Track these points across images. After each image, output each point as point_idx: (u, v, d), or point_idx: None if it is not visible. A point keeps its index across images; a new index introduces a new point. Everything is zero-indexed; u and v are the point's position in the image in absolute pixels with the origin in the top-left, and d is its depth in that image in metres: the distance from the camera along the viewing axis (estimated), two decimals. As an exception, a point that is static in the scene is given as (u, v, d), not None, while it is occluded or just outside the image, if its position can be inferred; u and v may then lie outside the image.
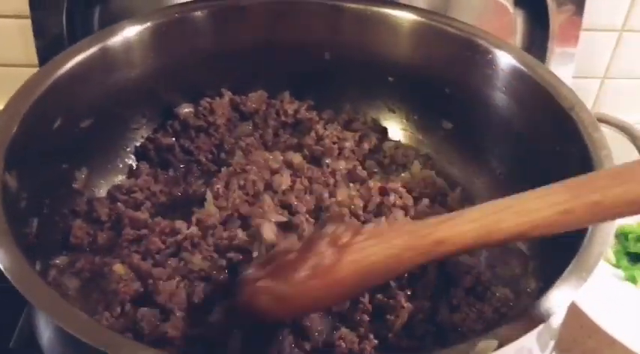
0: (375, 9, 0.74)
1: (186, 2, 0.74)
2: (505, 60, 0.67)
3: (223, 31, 0.75)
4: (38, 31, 0.78)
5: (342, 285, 0.51)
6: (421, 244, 0.48)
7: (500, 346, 0.40)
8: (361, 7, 0.74)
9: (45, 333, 0.50)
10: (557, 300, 0.47)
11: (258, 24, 0.77)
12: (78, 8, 0.78)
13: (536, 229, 0.46)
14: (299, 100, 0.83)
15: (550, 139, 0.63)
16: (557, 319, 0.55)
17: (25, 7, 0.81)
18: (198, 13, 0.73)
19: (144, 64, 0.72)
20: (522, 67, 0.65)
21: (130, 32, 0.69)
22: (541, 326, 0.46)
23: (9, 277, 0.44)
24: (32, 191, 0.58)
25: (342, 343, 0.56)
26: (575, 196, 0.44)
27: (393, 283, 0.61)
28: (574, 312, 0.72)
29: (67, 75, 0.62)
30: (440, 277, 0.63)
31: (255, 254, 0.63)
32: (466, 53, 0.70)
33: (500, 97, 0.69)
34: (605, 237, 0.52)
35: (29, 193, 0.57)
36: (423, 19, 0.72)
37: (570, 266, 0.49)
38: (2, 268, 0.45)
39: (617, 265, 0.82)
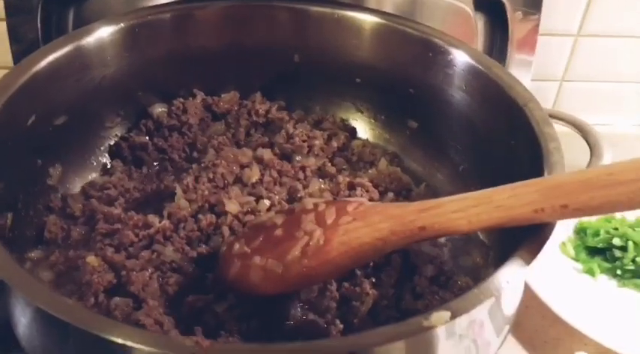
0: (339, 12, 0.77)
1: (158, 5, 0.76)
2: (463, 59, 0.71)
3: (194, 33, 0.78)
4: (13, 35, 0.80)
5: (332, 264, 0.55)
6: (406, 229, 0.53)
7: (453, 316, 0.42)
8: (325, 10, 0.78)
9: (22, 321, 0.51)
10: (506, 276, 0.50)
11: (227, 27, 0.79)
12: (52, 13, 0.80)
13: (511, 222, 0.52)
14: (270, 100, 0.86)
15: (505, 134, 0.67)
16: (507, 297, 0.57)
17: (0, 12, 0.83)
18: (169, 15, 0.75)
19: (118, 63, 0.74)
20: (479, 66, 0.69)
21: (104, 32, 0.71)
22: (492, 300, 0.49)
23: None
24: (7, 186, 0.60)
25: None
26: (546, 199, 0.50)
27: (358, 271, 0.63)
28: (536, 303, 0.75)
29: (41, 72, 0.64)
30: (404, 266, 0.66)
31: (224, 229, 0.65)
32: (426, 54, 0.73)
33: (459, 95, 0.73)
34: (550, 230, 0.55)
35: (4, 188, 0.59)
36: (384, 21, 0.76)
37: (520, 248, 0.52)
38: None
39: (576, 259, 0.85)
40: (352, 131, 0.86)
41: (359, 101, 0.85)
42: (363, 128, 0.86)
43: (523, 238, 0.57)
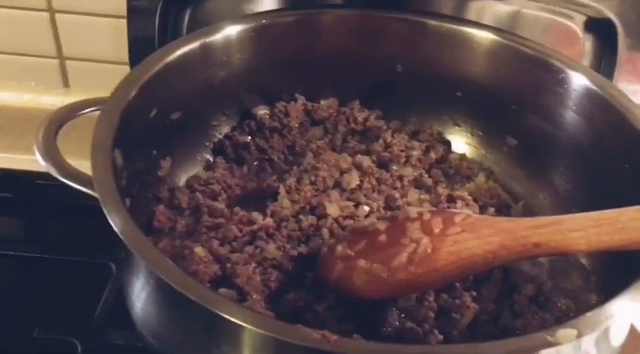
0: (453, 26, 0.77)
1: (275, 10, 0.79)
2: (577, 80, 0.70)
3: (305, 40, 0.80)
4: (132, 32, 0.84)
5: (440, 273, 0.56)
6: (518, 244, 0.53)
7: (580, 335, 0.42)
8: (440, 23, 0.78)
9: (139, 300, 0.54)
10: (622, 308, 0.49)
11: (339, 34, 0.81)
12: (170, 13, 0.84)
13: (632, 245, 0.50)
14: (368, 109, 0.87)
15: (620, 158, 0.65)
16: (618, 332, 0.56)
17: (119, 8, 0.88)
18: (284, 20, 0.77)
19: (230, 64, 0.77)
20: (595, 88, 0.68)
21: (232, 31, 0.74)
22: (601, 331, 0.48)
23: (124, 239, 0.48)
24: (130, 172, 0.63)
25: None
26: None
27: (457, 284, 0.63)
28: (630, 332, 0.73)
29: (170, 66, 0.67)
30: (503, 284, 0.65)
31: (324, 232, 0.66)
32: (538, 73, 0.73)
33: (570, 116, 0.72)
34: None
35: (128, 174, 0.62)
36: (499, 39, 0.76)
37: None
38: (118, 232, 0.49)
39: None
40: (448, 144, 0.86)
41: (457, 115, 0.85)
42: (459, 142, 0.86)
43: (629, 266, 0.57)
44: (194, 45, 0.71)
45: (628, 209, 0.51)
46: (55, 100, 0.97)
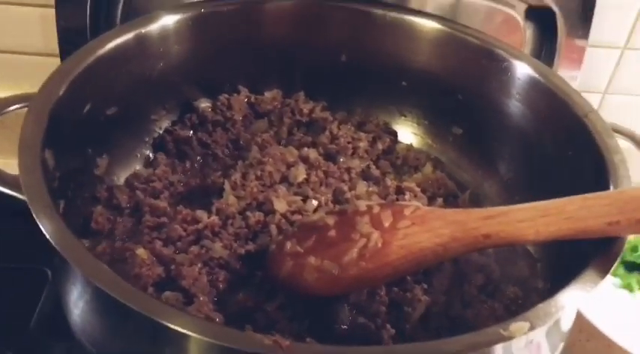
0: (398, 15, 0.76)
1: (212, -1, 0.76)
2: (521, 69, 0.71)
3: (245, 29, 0.77)
4: (62, 22, 0.79)
5: (391, 267, 0.55)
6: (468, 235, 0.53)
7: (532, 328, 0.42)
8: (384, 12, 0.77)
9: (77, 308, 0.51)
10: (572, 298, 0.49)
11: (281, 23, 0.79)
12: (102, 1, 0.80)
13: (580, 234, 0.51)
14: (312, 100, 0.86)
15: (563, 145, 0.66)
16: (568, 319, 0.57)
17: (47, -2, 0.83)
18: (224, 9, 0.74)
19: (168, 56, 0.73)
20: (538, 76, 0.69)
21: (167, 22, 0.71)
22: (552, 322, 0.48)
23: (58, 247, 0.45)
24: (63, 172, 0.59)
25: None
26: (621, 212, 0.49)
27: (408, 277, 0.63)
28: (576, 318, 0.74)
29: (101, 59, 0.63)
30: (453, 274, 0.65)
31: (271, 228, 0.65)
32: (483, 62, 0.73)
33: (513, 105, 0.72)
34: (621, 245, 0.54)
35: (60, 174, 0.58)
36: (444, 28, 0.75)
37: (587, 269, 0.51)
38: (50, 239, 0.46)
39: (614, 274, 0.85)
40: (394, 135, 0.85)
41: (403, 105, 0.85)
42: (405, 132, 0.85)
43: (575, 254, 0.58)
44: (129, 36, 0.67)
45: (574, 198, 0.51)
46: (-22, 95, 0.91)
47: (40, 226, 0.47)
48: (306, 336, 0.57)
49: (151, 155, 0.78)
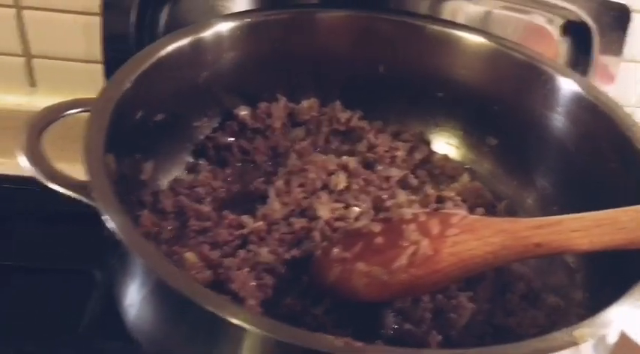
0: (440, 28, 0.78)
1: (260, 9, 0.78)
2: (565, 84, 0.72)
3: (293, 39, 0.79)
4: (107, 29, 0.81)
5: (441, 274, 0.56)
6: (519, 244, 0.53)
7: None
8: (424, 24, 0.78)
9: (134, 306, 0.52)
10: (621, 314, 0.50)
11: (324, 34, 0.80)
12: (147, 9, 0.81)
13: (632, 245, 0.52)
14: (348, 109, 0.87)
15: (604, 158, 0.67)
16: (614, 334, 0.57)
17: (91, 5, 0.84)
18: (274, 19, 0.76)
19: (215, 64, 0.75)
20: (582, 91, 0.70)
21: (221, 29, 0.72)
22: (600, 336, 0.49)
23: (126, 243, 0.46)
24: (117, 177, 0.60)
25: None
26: None
27: (451, 285, 0.64)
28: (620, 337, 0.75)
29: (158, 64, 0.65)
30: (495, 282, 0.66)
31: (315, 234, 0.66)
32: (525, 76, 0.74)
33: (553, 117, 0.73)
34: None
35: (116, 179, 0.59)
36: (486, 41, 0.77)
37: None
38: (120, 235, 0.47)
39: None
40: (428, 144, 0.86)
41: (437, 115, 0.86)
42: (440, 142, 0.86)
43: (618, 264, 0.59)
44: (185, 41, 0.69)
45: (627, 209, 0.52)
46: (20, 99, 0.93)
47: (109, 224, 0.48)
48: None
49: (192, 161, 0.79)
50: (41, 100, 0.92)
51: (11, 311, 0.69)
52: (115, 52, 0.81)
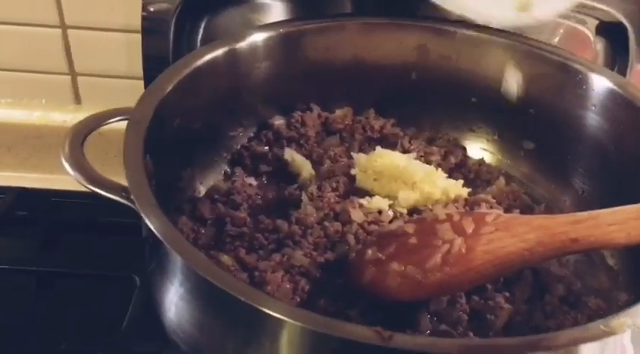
0: (471, 32, 0.78)
1: (293, 19, 0.80)
2: (598, 82, 0.71)
3: (323, 48, 0.80)
4: (147, 46, 0.84)
5: (476, 272, 0.55)
6: (556, 240, 0.53)
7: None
8: (456, 29, 0.79)
9: (173, 306, 0.53)
10: None
11: (355, 43, 0.81)
12: (185, 24, 0.84)
13: None
14: (382, 117, 0.87)
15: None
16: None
17: (131, 22, 0.88)
18: (303, 29, 0.78)
19: (250, 74, 0.77)
20: (616, 88, 0.69)
21: (256, 39, 0.75)
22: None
23: (165, 242, 0.48)
24: (156, 183, 0.62)
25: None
26: None
27: (489, 285, 0.63)
28: None
29: (195, 73, 0.67)
30: (533, 284, 0.65)
31: (349, 238, 0.66)
32: (558, 76, 0.74)
33: (590, 117, 0.72)
34: None
35: (156, 183, 0.61)
36: (516, 43, 0.77)
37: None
38: (158, 235, 0.48)
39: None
40: (464, 150, 0.86)
41: (472, 120, 0.86)
42: (474, 147, 0.86)
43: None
44: (220, 51, 0.71)
45: None
46: (65, 116, 0.97)
47: (149, 224, 0.50)
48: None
49: (228, 170, 0.81)
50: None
51: (57, 314, 0.72)
52: (155, 70, 0.83)
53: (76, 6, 0.88)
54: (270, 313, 0.44)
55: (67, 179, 0.93)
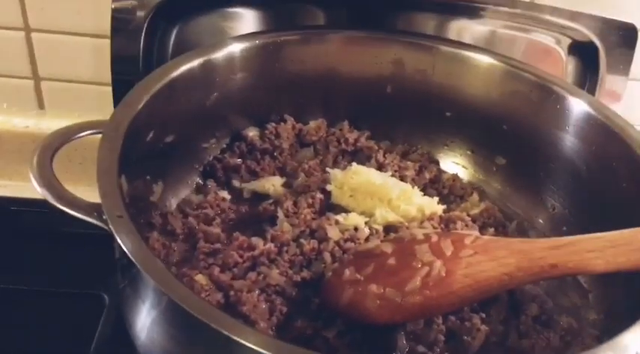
0: (448, 48, 0.78)
1: (270, 30, 0.78)
2: (576, 104, 0.72)
3: (298, 59, 0.79)
4: (116, 51, 0.81)
5: (455, 295, 0.55)
6: (535, 265, 0.53)
7: None
8: (432, 45, 0.79)
9: (145, 328, 0.52)
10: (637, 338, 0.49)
11: (334, 55, 0.81)
12: (157, 30, 0.82)
13: None
14: (356, 129, 0.87)
15: (616, 177, 0.67)
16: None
17: (100, 27, 0.85)
18: (281, 40, 0.77)
19: (224, 85, 0.75)
20: (593, 112, 0.71)
21: (234, 49, 0.73)
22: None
23: (139, 264, 0.46)
24: (129, 199, 0.60)
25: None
26: None
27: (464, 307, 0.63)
28: None
29: (169, 86, 0.65)
30: (508, 304, 0.66)
31: (325, 255, 0.66)
32: (535, 95, 0.75)
33: (564, 137, 0.74)
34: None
35: (128, 201, 0.59)
36: (496, 62, 0.78)
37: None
38: (132, 257, 0.47)
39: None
40: (437, 164, 0.86)
41: (446, 135, 0.86)
42: (447, 162, 0.86)
43: (632, 284, 0.58)
44: (196, 62, 0.70)
45: None
46: (28, 122, 0.93)
47: (122, 245, 0.48)
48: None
49: (200, 182, 0.79)
50: (49, 123, 0.93)
51: (21, 333, 0.68)
52: (124, 74, 0.81)
53: (40, 8, 0.84)
54: (246, 343, 0.42)
55: (27, 186, 0.91)
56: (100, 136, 0.59)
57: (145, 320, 0.54)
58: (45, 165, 0.56)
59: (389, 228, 0.72)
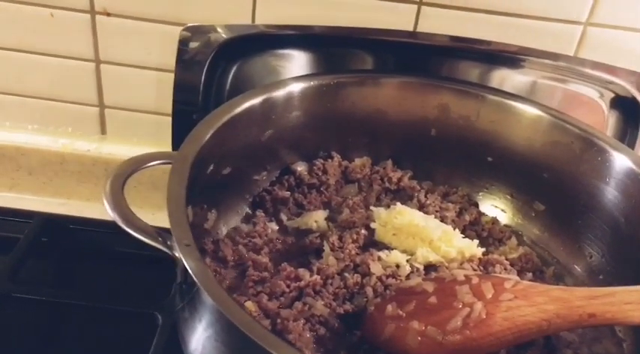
0: (493, 97, 0.82)
1: (329, 71, 0.83)
2: (619, 160, 0.75)
3: (347, 100, 0.84)
4: (179, 85, 0.86)
5: (495, 338, 0.58)
6: (573, 313, 0.55)
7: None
8: (478, 92, 0.83)
9: (200, 348, 0.55)
10: None
11: (382, 97, 0.85)
12: (218, 67, 0.87)
13: None
14: (398, 168, 0.90)
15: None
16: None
17: (164, 62, 0.91)
18: (339, 81, 0.81)
19: (280, 121, 0.80)
20: (634, 166, 0.73)
21: (293, 88, 0.78)
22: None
23: (203, 288, 0.50)
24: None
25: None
26: None
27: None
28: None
29: (231, 121, 0.70)
30: (544, 348, 0.67)
31: (368, 290, 0.69)
32: (578, 147, 0.78)
33: (603, 189, 0.76)
34: None
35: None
36: (541, 113, 0.81)
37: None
38: (197, 281, 0.51)
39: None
40: (476, 206, 0.89)
41: (486, 179, 0.89)
42: (486, 205, 0.89)
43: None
44: (258, 100, 0.74)
45: None
46: (89, 146, 0.99)
47: (189, 271, 0.52)
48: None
49: (250, 211, 0.83)
50: (109, 147, 0.98)
51: (74, 349, 0.72)
52: (184, 105, 0.87)
53: (111, 44, 0.91)
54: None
55: (85, 206, 0.97)
56: (165, 166, 0.64)
57: (200, 342, 0.58)
58: (117, 191, 0.61)
59: (429, 267, 0.75)
